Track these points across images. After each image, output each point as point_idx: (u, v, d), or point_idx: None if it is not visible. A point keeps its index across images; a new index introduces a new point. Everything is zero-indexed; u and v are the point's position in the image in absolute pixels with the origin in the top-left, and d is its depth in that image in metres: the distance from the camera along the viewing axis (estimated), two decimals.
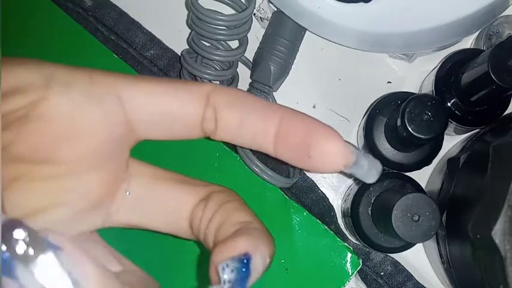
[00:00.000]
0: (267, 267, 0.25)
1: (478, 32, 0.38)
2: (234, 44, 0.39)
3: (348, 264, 0.36)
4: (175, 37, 0.28)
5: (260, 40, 0.39)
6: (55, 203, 0.25)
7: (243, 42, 0.39)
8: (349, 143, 0.25)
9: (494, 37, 0.38)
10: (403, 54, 0.39)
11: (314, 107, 0.41)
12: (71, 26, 0.40)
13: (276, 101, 0.39)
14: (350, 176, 0.38)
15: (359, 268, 0.36)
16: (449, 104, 0.35)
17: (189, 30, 0.39)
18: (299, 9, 0.35)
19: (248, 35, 0.39)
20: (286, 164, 0.27)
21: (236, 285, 0.23)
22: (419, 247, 0.39)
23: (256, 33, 0.40)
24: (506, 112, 0.35)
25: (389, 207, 0.32)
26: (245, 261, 0.24)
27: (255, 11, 0.39)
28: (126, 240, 0.31)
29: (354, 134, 0.41)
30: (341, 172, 0.25)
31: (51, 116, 0.24)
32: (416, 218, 0.31)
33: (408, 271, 0.38)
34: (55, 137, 0.25)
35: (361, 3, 0.33)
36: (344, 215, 0.39)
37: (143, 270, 0.27)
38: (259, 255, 0.24)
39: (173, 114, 0.26)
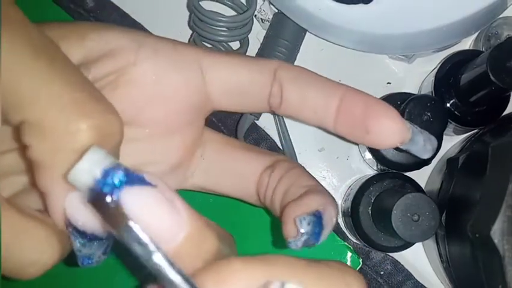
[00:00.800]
0: (332, 227, 0.27)
1: (477, 33, 0.38)
2: (235, 45, 0.39)
3: (348, 264, 0.36)
4: (177, 38, 0.29)
5: (261, 41, 0.39)
6: (139, 164, 0.26)
7: (244, 44, 0.39)
8: (406, 120, 0.26)
9: (493, 38, 0.38)
10: (403, 55, 0.39)
11: None
12: None
13: None
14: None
15: (359, 267, 0.36)
16: (448, 105, 0.35)
17: (190, 32, 0.40)
18: (300, 11, 0.35)
19: (249, 36, 0.39)
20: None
21: (312, 237, 0.25)
22: (418, 247, 0.39)
23: (257, 35, 0.40)
24: (505, 112, 0.36)
25: (389, 207, 0.32)
26: (318, 217, 0.26)
27: (256, 13, 0.39)
28: None
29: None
30: (397, 148, 0.26)
31: (139, 81, 0.26)
32: (416, 217, 0.31)
33: (408, 270, 0.38)
34: (141, 101, 0.26)
35: (361, 5, 0.33)
36: (344, 214, 0.39)
37: None
38: (328, 213, 0.26)
39: (245, 85, 0.28)
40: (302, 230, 0.25)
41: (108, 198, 0.17)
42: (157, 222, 0.18)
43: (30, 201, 0.24)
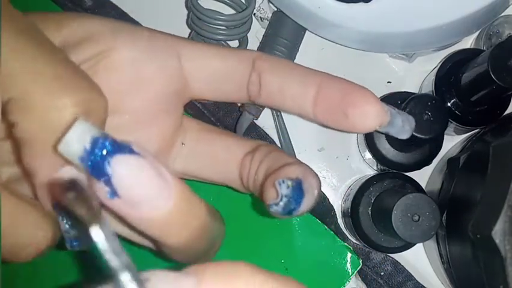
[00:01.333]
0: (315, 198, 0.27)
1: (478, 31, 0.38)
2: (234, 44, 0.39)
3: (348, 264, 0.36)
4: None
5: (260, 40, 0.39)
6: None
7: (243, 42, 0.39)
8: (384, 103, 0.26)
9: (494, 37, 0.38)
10: (403, 54, 0.39)
11: None
12: None
13: None
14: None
15: (359, 268, 0.36)
16: (449, 104, 0.35)
17: (189, 30, 0.39)
18: (299, 9, 0.35)
19: (248, 35, 0.39)
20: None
21: (292, 200, 0.25)
22: (419, 247, 0.39)
23: (256, 33, 0.40)
24: (506, 112, 0.35)
25: (389, 207, 0.32)
26: (297, 182, 0.26)
27: (255, 11, 0.39)
28: None
29: (354, 133, 0.41)
30: (376, 130, 0.26)
31: (117, 67, 0.26)
32: (416, 218, 0.31)
33: (408, 271, 0.38)
34: (120, 87, 0.27)
35: (361, 3, 0.33)
36: (344, 215, 0.39)
37: None
38: (308, 181, 0.26)
39: (224, 73, 0.28)
40: (282, 192, 0.25)
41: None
42: (146, 190, 0.19)
43: (21, 191, 0.24)
